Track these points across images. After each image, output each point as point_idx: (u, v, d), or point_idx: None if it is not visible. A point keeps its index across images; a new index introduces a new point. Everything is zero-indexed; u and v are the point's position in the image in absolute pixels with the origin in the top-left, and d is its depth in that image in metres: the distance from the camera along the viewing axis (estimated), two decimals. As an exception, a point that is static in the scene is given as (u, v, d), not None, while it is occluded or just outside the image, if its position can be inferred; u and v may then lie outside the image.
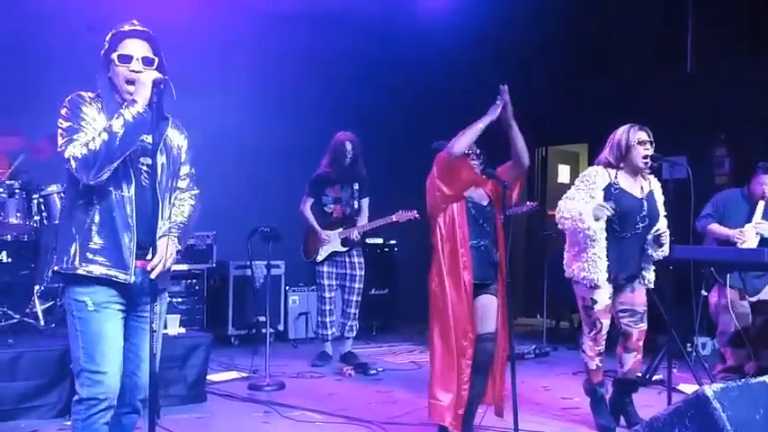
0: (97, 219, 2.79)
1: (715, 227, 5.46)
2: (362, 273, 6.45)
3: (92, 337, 2.79)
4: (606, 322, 4.34)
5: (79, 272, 2.78)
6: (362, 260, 6.47)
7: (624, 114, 4.67)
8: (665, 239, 4.34)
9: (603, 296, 4.30)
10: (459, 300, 3.85)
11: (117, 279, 2.80)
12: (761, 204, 5.42)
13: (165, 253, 2.85)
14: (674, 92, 7.99)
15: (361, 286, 6.46)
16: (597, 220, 4.21)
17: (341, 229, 6.34)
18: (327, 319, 6.42)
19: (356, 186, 6.39)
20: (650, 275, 4.44)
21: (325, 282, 6.40)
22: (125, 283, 2.82)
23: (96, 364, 2.78)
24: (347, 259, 6.39)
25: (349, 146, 6.27)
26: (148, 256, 2.80)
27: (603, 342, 4.38)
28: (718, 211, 5.55)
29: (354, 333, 6.50)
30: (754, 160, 5.62)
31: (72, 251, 2.79)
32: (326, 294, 6.41)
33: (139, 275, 2.83)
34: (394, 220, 6.22)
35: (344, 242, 6.36)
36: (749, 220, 5.39)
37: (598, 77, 8.86)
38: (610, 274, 4.29)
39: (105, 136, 2.69)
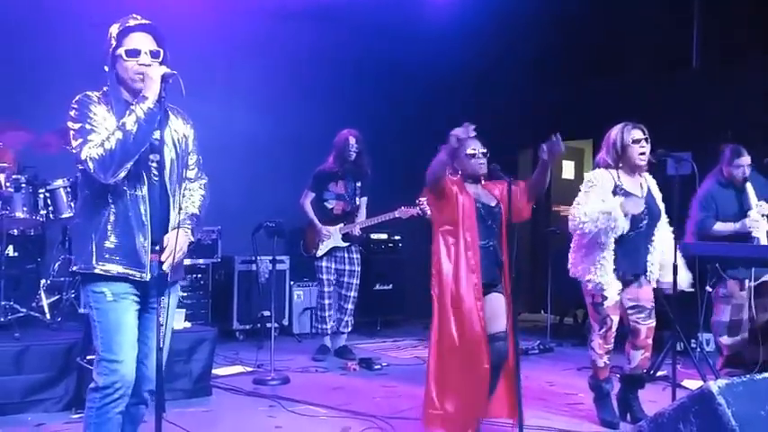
0: (112, 218, 2.83)
1: (720, 226, 5.31)
2: (359, 269, 6.50)
3: (109, 328, 2.84)
4: (616, 319, 4.34)
5: (96, 271, 2.83)
6: (360, 256, 6.53)
7: (629, 111, 4.67)
8: None
9: (613, 293, 4.31)
10: (469, 303, 3.84)
11: (134, 277, 2.85)
12: (749, 187, 5.31)
13: (175, 245, 2.88)
14: (680, 88, 7.97)
15: (358, 282, 6.50)
16: (626, 215, 4.18)
17: (342, 225, 6.37)
18: (326, 314, 6.46)
19: (358, 184, 6.42)
20: (655, 270, 4.41)
21: (325, 276, 6.44)
22: (141, 280, 2.87)
23: (113, 354, 2.83)
24: (346, 255, 6.43)
25: (353, 140, 6.29)
26: (158, 248, 2.85)
27: (613, 340, 4.38)
28: (714, 210, 5.44)
29: (350, 328, 6.56)
30: (759, 156, 5.56)
31: (89, 251, 2.83)
32: (326, 289, 6.45)
33: (154, 269, 2.87)
34: (396, 216, 6.25)
35: (345, 238, 6.38)
36: (740, 207, 5.28)
37: (604, 74, 8.83)
38: (618, 272, 4.30)
39: (120, 134, 2.71)
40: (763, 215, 5.23)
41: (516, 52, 8.87)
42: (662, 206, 4.43)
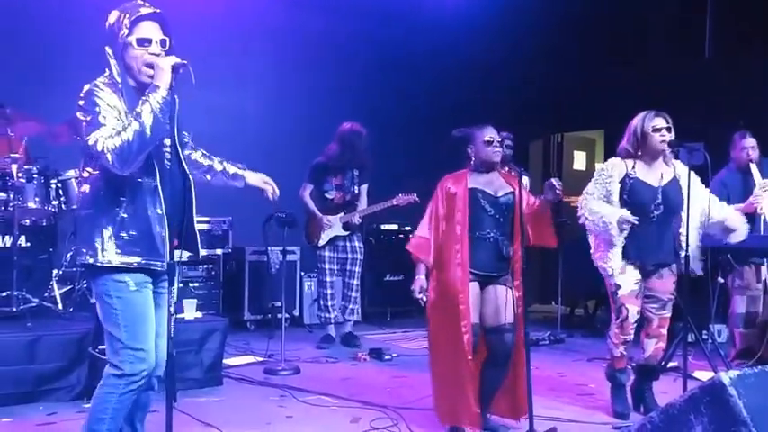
0: (129, 210, 2.84)
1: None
2: (362, 257, 6.56)
3: (135, 318, 2.86)
4: (633, 309, 4.30)
5: (116, 264, 2.83)
6: (362, 244, 6.59)
7: (641, 101, 4.64)
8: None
9: (627, 282, 4.28)
10: (451, 293, 3.82)
11: (154, 267, 2.88)
12: (753, 167, 5.35)
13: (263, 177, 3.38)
14: (692, 78, 7.92)
15: (360, 270, 6.56)
16: (621, 231, 4.19)
17: (342, 214, 6.41)
18: (330, 303, 6.51)
19: (356, 172, 6.46)
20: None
21: (327, 266, 6.49)
22: (161, 270, 2.90)
23: (140, 343, 2.86)
24: (347, 243, 6.49)
25: (364, 134, 6.32)
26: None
27: (631, 331, 4.35)
28: (723, 195, 5.45)
29: (355, 316, 6.61)
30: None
31: (107, 243, 2.82)
32: (328, 278, 6.50)
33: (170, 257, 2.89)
34: (394, 203, 6.31)
35: (346, 226, 6.43)
36: (746, 189, 5.30)
37: (615, 64, 8.79)
38: (634, 261, 4.28)
39: (137, 125, 2.70)
40: (766, 191, 5.22)
41: (526, 42, 8.82)
42: (692, 194, 4.28)
